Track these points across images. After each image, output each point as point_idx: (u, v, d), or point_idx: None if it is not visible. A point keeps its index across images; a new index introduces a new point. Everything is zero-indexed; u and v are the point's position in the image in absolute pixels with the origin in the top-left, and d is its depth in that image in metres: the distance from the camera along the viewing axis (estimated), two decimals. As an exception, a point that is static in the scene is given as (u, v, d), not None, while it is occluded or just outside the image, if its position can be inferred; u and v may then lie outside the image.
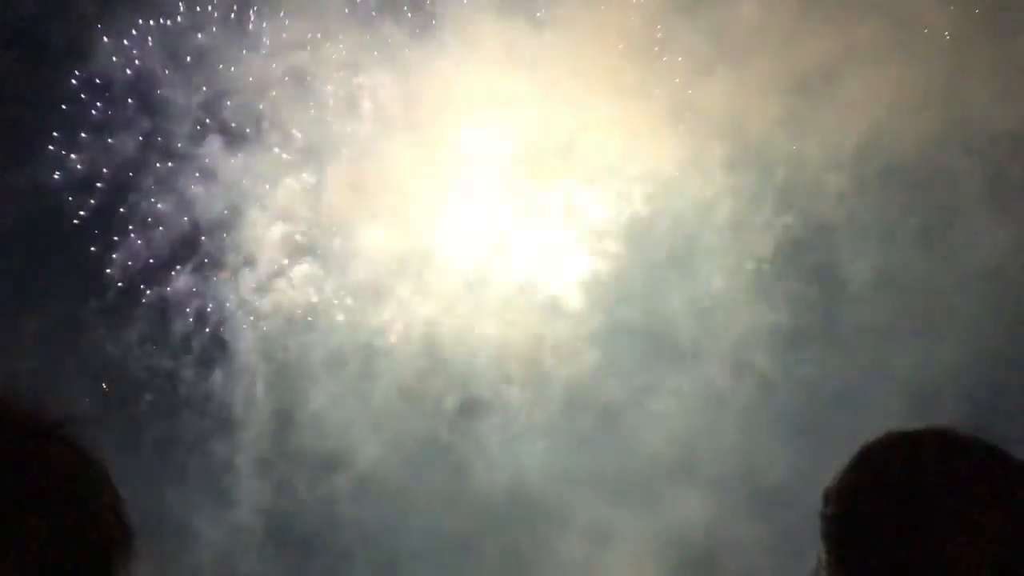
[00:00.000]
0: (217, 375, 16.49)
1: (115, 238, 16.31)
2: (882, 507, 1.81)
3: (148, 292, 16.35)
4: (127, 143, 16.22)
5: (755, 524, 14.14)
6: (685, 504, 15.25)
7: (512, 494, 15.64)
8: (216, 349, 16.62)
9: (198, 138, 16.50)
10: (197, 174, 16.53)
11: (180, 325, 16.45)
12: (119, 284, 16.16)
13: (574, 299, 16.77)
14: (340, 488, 16.11)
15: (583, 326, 16.56)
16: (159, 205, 16.43)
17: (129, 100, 16.17)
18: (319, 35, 16.39)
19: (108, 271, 16.22)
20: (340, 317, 16.83)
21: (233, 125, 16.53)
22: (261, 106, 16.52)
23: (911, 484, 1.81)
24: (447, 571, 15.76)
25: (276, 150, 16.63)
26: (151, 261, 16.31)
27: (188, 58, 16.28)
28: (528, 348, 16.65)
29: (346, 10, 16.35)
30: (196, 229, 16.68)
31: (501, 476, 15.74)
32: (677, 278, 16.62)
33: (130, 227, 16.25)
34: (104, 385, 15.91)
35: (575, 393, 16.51)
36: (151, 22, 16.11)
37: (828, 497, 1.93)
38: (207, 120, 16.48)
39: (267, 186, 16.70)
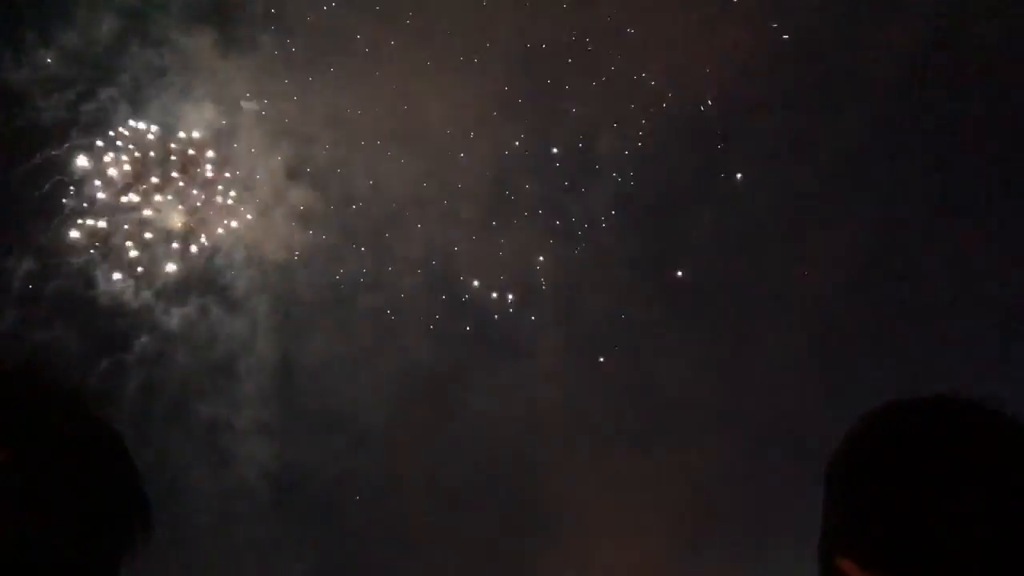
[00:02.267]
0: (211, 314, 16.65)
1: (91, 151, 15.95)
2: (881, 479, 1.90)
3: (129, 217, 16.40)
4: (105, 31, 15.72)
5: (792, 477, 13.92)
6: (711, 452, 15.24)
7: (525, 438, 15.70)
8: (209, 284, 16.57)
9: (187, 33, 15.97)
10: (185, 76, 16.12)
11: (166, 258, 16.47)
12: (94, 210, 16.18)
13: (595, 227, 16.70)
14: (348, 439, 16.29)
15: (604, 254, 16.47)
16: (138, 112, 16.13)
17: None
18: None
19: (86, 195, 16.01)
20: (347, 250, 16.90)
21: (228, 21, 16.05)
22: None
23: (911, 455, 1.90)
24: (457, 522, 15.96)
25: (276, 53, 16.37)
26: (129, 182, 16.28)
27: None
28: (547, 279, 16.63)
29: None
30: (181, 143, 16.34)
31: (515, 420, 15.76)
32: (710, 202, 16.47)
33: (102, 142, 16.19)
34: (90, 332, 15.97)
35: (592, 328, 16.55)
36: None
37: (828, 469, 2.01)
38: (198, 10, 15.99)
39: (265, 97, 16.43)
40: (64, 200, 15.96)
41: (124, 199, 16.26)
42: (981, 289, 14.86)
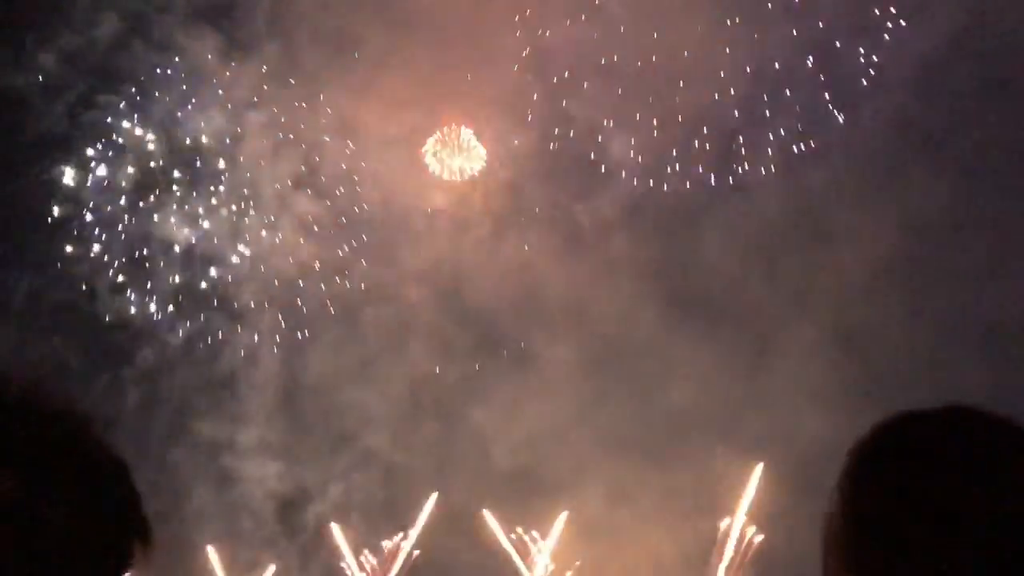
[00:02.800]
0: (215, 328, 16.68)
1: (89, 161, 15.98)
2: (885, 494, 1.91)
3: (128, 229, 16.29)
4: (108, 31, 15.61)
5: (795, 495, 13.90)
6: (721, 463, 15.18)
7: (528, 456, 15.71)
8: (212, 297, 16.57)
9: (190, 35, 15.86)
10: (189, 83, 16.08)
11: (167, 271, 16.43)
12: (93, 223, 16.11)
13: (603, 237, 16.66)
14: (353, 457, 16.43)
15: (612, 265, 16.44)
16: (141, 118, 16.10)
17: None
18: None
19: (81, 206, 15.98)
20: (353, 261, 16.87)
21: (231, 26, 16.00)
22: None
23: (916, 470, 1.91)
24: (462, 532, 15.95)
25: (282, 59, 16.16)
26: (130, 191, 16.28)
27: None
28: (556, 291, 16.57)
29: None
30: (187, 148, 16.31)
31: (523, 434, 15.88)
32: (723, 214, 16.41)
33: (103, 150, 16.25)
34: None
35: (602, 339, 16.49)
36: None
37: (839, 482, 2.00)
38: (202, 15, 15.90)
39: (270, 103, 16.28)
40: (65, 210, 15.95)
41: (126, 209, 16.25)
42: (1000, 301, 14.83)
